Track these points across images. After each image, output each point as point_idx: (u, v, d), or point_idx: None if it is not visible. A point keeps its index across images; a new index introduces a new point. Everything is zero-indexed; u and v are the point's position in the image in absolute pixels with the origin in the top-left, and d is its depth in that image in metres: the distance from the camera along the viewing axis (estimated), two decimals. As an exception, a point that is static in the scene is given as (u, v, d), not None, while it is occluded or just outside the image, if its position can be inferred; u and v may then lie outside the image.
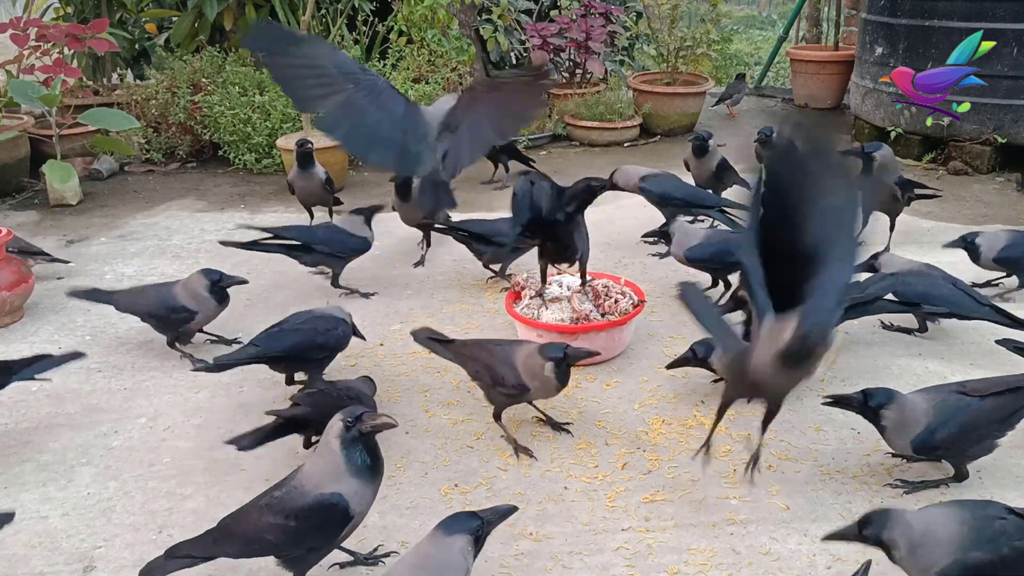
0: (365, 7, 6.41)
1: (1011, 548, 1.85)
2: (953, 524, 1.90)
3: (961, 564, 1.84)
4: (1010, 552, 1.85)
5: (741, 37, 12.10)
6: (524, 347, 2.70)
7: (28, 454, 2.75)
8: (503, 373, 2.64)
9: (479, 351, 2.76)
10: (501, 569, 2.21)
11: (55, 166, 4.60)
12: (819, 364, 2.08)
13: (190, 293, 3.25)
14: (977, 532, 1.88)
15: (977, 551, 1.85)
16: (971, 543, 1.86)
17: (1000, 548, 1.85)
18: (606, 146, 6.31)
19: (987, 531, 1.88)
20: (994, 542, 1.86)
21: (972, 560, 1.84)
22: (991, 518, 1.91)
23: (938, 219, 4.71)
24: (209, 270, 3.30)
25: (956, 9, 5.28)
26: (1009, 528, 1.89)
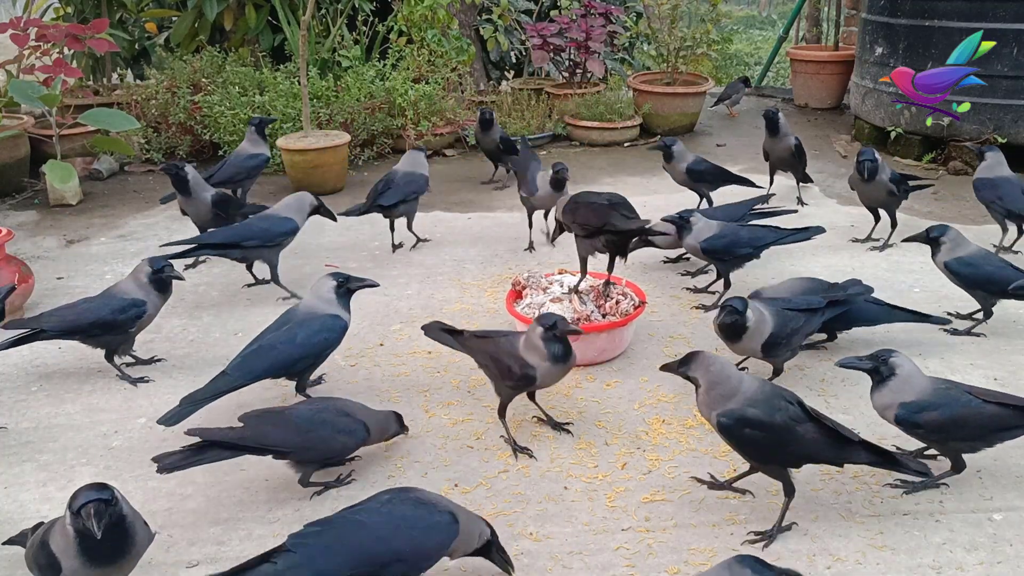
0: (365, 7, 6.41)
1: (783, 419, 2.24)
2: (747, 383, 2.30)
3: (739, 413, 2.25)
4: (780, 421, 2.23)
5: (741, 37, 12.10)
6: (523, 333, 2.72)
7: (28, 454, 2.75)
8: (509, 364, 2.65)
9: (486, 343, 2.77)
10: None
11: (55, 166, 4.60)
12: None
13: (138, 285, 3.10)
14: (764, 397, 2.26)
15: (755, 408, 2.24)
16: (752, 402, 2.25)
17: (773, 414, 2.23)
18: (606, 146, 6.31)
19: (773, 401, 2.26)
20: (771, 409, 2.24)
21: (749, 414, 2.24)
22: (780, 396, 2.28)
23: (938, 219, 4.70)
24: (153, 258, 3.16)
25: (956, 9, 5.28)
26: (792, 410, 2.25)
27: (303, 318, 2.86)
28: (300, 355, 2.80)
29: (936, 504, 2.44)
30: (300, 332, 2.81)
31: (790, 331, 2.87)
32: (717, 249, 3.57)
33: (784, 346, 2.89)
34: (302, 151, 5.16)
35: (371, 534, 1.94)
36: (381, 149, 5.99)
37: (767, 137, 4.81)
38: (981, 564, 2.21)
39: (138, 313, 3.06)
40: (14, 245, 4.28)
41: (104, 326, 3.04)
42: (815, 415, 2.28)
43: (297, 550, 1.89)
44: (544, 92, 6.68)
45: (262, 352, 2.78)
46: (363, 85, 5.79)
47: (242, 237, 3.65)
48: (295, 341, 2.79)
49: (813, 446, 2.25)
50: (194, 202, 4.03)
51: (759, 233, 3.63)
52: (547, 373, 2.64)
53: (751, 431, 2.24)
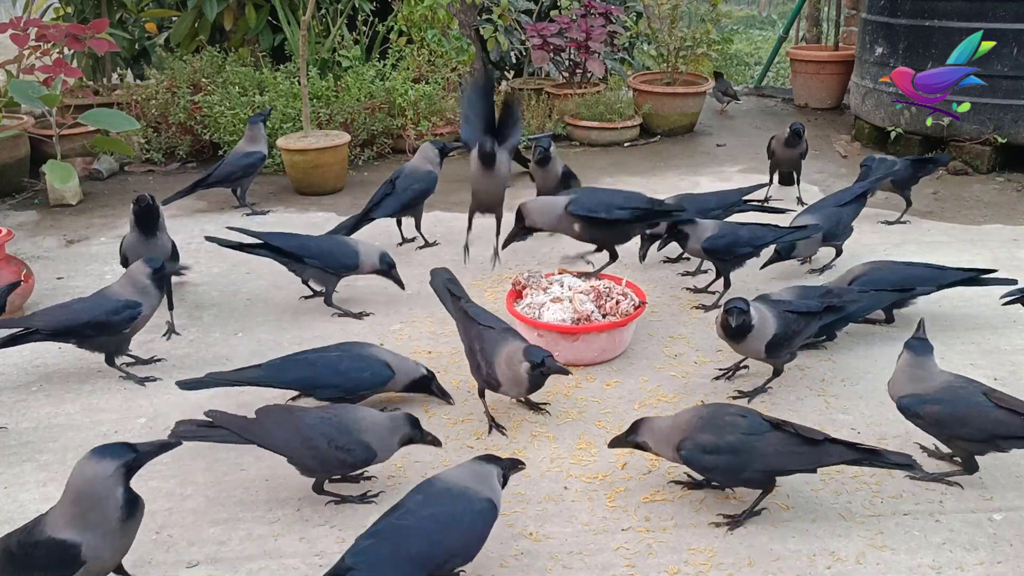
0: (365, 7, 6.41)
1: (735, 438, 2.28)
2: (684, 417, 2.38)
3: (692, 441, 2.30)
4: (733, 440, 2.28)
5: (741, 37, 12.10)
6: (511, 344, 2.71)
7: (28, 454, 2.75)
8: (479, 363, 2.73)
9: (469, 326, 2.83)
10: (501, 569, 2.21)
11: (55, 166, 4.60)
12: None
13: (133, 285, 3.06)
14: (709, 421, 2.33)
15: (705, 434, 2.30)
16: (700, 428, 2.32)
17: (723, 436, 2.29)
18: (606, 146, 6.31)
19: (718, 421, 2.33)
20: (719, 431, 2.30)
21: (702, 440, 2.30)
22: (724, 414, 2.36)
23: (938, 219, 4.71)
24: (150, 258, 3.13)
25: (956, 9, 5.28)
26: (744, 424, 2.31)
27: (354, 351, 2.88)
28: (335, 383, 2.79)
29: (936, 504, 2.44)
30: (344, 362, 2.82)
31: (792, 332, 2.87)
32: (718, 249, 3.57)
33: (786, 347, 2.89)
34: (302, 151, 5.16)
35: (425, 539, 1.96)
36: (381, 149, 5.99)
37: (783, 146, 4.78)
38: (981, 564, 2.21)
39: (133, 315, 3.04)
40: (14, 245, 4.28)
41: (98, 327, 3.01)
42: (778, 423, 2.31)
43: (360, 568, 1.90)
44: (544, 92, 6.68)
45: (298, 366, 2.80)
46: (363, 85, 5.79)
47: (307, 253, 3.57)
48: (338, 368, 2.80)
49: (778, 458, 2.27)
50: (152, 245, 3.52)
51: (759, 232, 3.63)
52: (510, 392, 2.73)
53: (710, 456, 2.29)
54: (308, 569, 2.23)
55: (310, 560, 2.26)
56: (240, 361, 3.28)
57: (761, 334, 2.81)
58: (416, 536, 1.96)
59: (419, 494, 2.08)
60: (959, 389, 2.43)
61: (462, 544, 2.01)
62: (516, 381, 2.64)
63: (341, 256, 3.58)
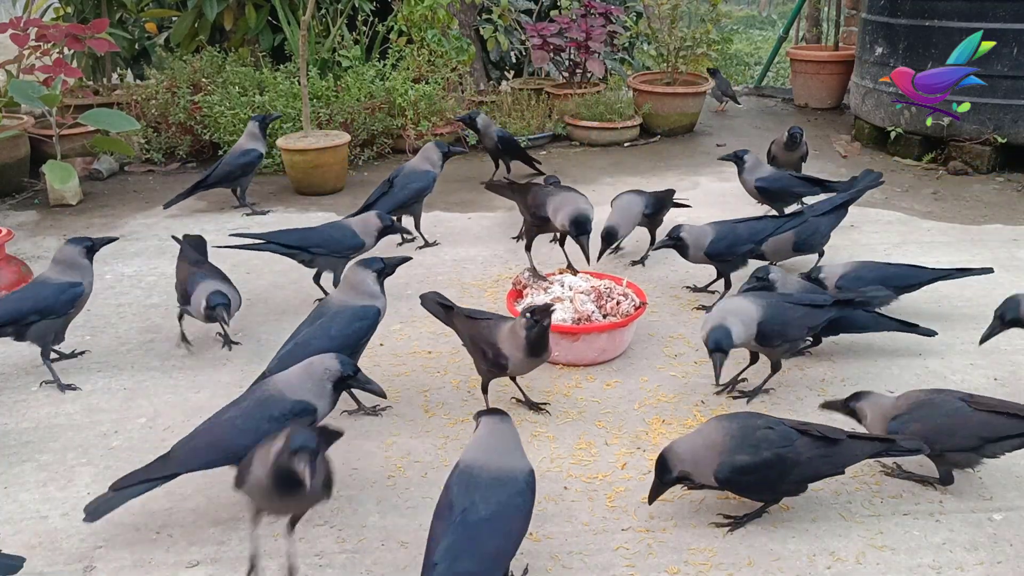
0: (365, 7, 6.41)
1: (770, 453, 2.24)
2: (718, 435, 2.29)
3: (729, 465, 2.24)
4: (769, 455, 2.23)
5: (741, 37, 12.10)
6: (509, 322, 2.78)
7: (28, 454, 2.75)
8: (484, 349, 2.75)
9: (470, 324, 2.84)
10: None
11: (55, 166, 4.60)
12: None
13: (70, 266, 3.11)
14: (741, 440, 2.26)
15: (742, 454, 2.24)
16: (734, 449, 2.25)
17: (759, 452, 2.23)
18: (606, 146, 6.31)
19: (750, 438, 2.26)
20: (756, 447, 2.24)
21: (740, 461, 2.23)
22: (754, 428, 2.29)
23: (938, 219, 4.71)
24: (77, 238, 3.20)
25: (956, 9, 5.28)
26: (773, 436, 2.26)
27: (336, 310, 2.86)
28: (336, 348, 2.72)
29: (936, 504, 2.44)
30: (333, 326, 2.81)
31: (783, 322, 2.84)
32: (720, 252, 3.57)
33: (778, 336, 2.86)
34: (302, 151, 5.16)
35: (498, 535, 1.98)
36: (381, 149, 5.99)
37: (783, 149, 4.78)
38: (981, 564, 2.21)
39: (75, 294, 3.10)
40: (14, 245, 4.28)
41: (43, 311, 3.02)
42: (801, 428, 2.30)
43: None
44: (544, 92, 6.68)
45: (297, 351, 2.73)
46: (363, 85, 5.79)
47: (311, 243, 3.61)
48: (329, 334, 2.78)
49: (810, 465, 2.27)
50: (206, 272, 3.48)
51: (757, 227, 3.62)
52: (520, 363, 2.72)
53: (749, 477, 2.26)
54: (308, 569, 2.23)
55: (310, 560, 2.26)
56: (240, 361, 3.28)
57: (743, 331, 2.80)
58: (489, 535, 1.96)
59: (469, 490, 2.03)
60: (930, 401, 2.44)
61: (524, 524, 2.05)
62: (519, 346, 2.66)
63: (341, 239, 3.63)
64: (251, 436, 2.22)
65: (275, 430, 2.12)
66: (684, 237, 3.57)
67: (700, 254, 3.58)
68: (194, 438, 2.34)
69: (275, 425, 2.22)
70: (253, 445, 2.14)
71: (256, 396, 2.38)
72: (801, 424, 2.33)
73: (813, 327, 2.98)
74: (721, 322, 2.78)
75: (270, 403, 2.33)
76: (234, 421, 2.32)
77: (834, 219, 3.94)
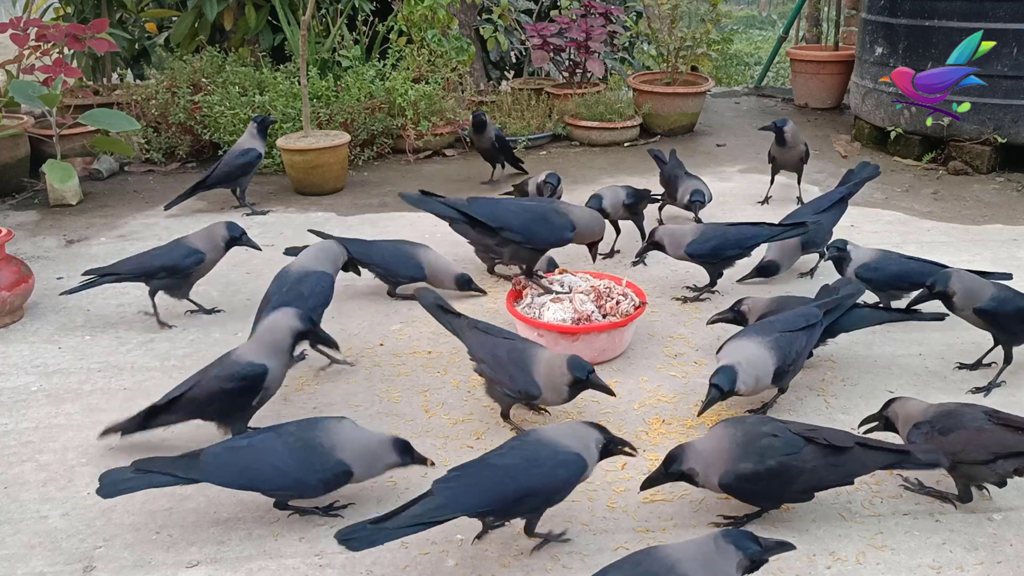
0: (365, 7, 6.41)
1: (775, 462, 2.22)
2: (725, 442, 2.28)
3: (733, 473, 2.23)
4: (774, 464, 2.22)
5: (741, 37, 12.10)
6: (544, 352, 2.70)
7: (28, 454, 2.75)
8: (512, 374, 2.66)
9: (491, 342, 2.76)
10: (501, 569, 2.21)
11: (55, 166, 4.60)
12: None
13: (207, 240, 3.58)
14: (745, 447, 2.25)
15: (746, 462, 2.23)
16: (739, 457, 2.24)
17: (764, 460, 2.22)
18: (606, 146, 6.31)
19: (753, 445, 2.25)
20: (760, 455, 2.23)
21: (743, 470, 2.23)
22: (759, 435, 2.27)
23: (938, 219, 4.71)
24: (231, 223, 3.63)
25: (956, 9, 5.28)
26: (777, 444, 2.24)
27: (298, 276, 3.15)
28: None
29: (936, 504, 2.44)
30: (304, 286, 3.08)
31: (795, 355, 2.76)
32: (704, 254, 3.57)
33: (791, 373, 2.81)
34: (302, 151, 5.16)
35: (504, 473, 2.14)
36: (381, 149, 6.00)
37: (775, 145, 4.80)
38: (981, 564, 2.21)
39: (197, 259, 3.53)
40: (14, 245, 4.28)
41: (169, 270, 3.51)
42: (808, 435, 2.26)
43: (440, 492, 2.10)
44: (544, 92, 6.68)
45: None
46: (363, 85, 5.79)
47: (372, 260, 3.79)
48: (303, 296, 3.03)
49: (815, 474, 2.25)
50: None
51: (748, 232, 3.60)
52: (551, 400, 2.70)
53: (752, 485, 2.26)
54: (308, 569, 2.23)
55: (310, 560, 2.26)
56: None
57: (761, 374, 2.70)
58: (497, 472, 2.15)
59: (516, 440, 2.29)
60: (959, 413, 2.38)
61: (540, 485, 2.14)
62: (556, 391, 2.64)
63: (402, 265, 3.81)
64: (289, 478, 2.28)
65: (320, 477, 2.28)
66: (656, 233, 3.64)
67: (680, 252, 3.60)
68: (228, 455, 2.32)
69: (324, 474, 2.29)
70: (288, 485, 2.29)
71: (305, 436, 2.33)
72: (809, 430, 2.29)
73: (816, 345, 2.94)
74: (735, 366, 2.66)
75: (316, 450, 2.30)
76: (278, 453, 2.29)
77: (835, 215, 3.95)
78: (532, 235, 3.31)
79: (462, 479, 2.14)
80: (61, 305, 3.79)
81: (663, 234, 3.66)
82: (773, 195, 4.98)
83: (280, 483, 2.29)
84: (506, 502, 2.13)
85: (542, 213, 3.38)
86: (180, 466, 2.29)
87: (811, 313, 2.89)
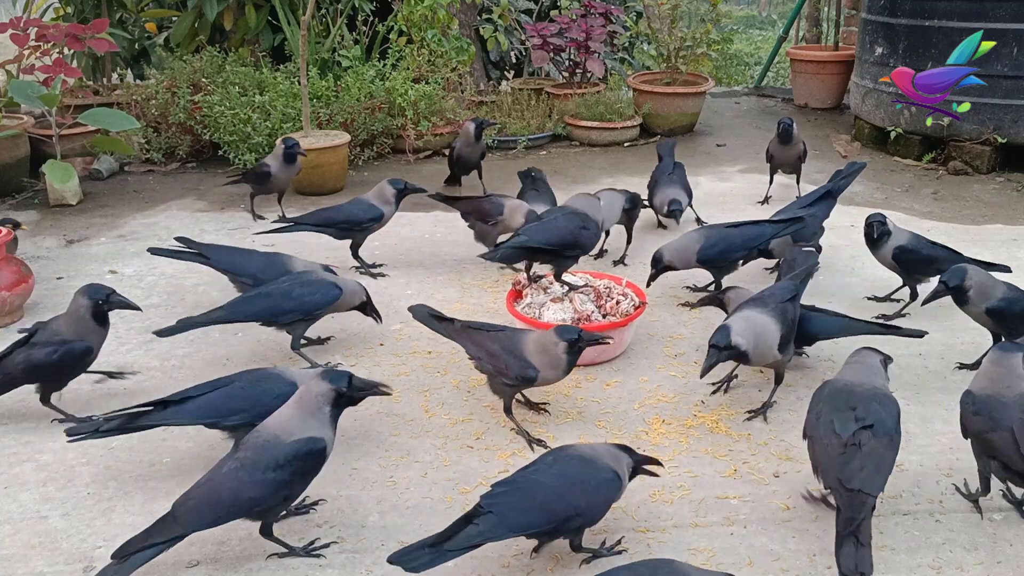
0: (365, 7, 6.41)
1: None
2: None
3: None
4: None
5: (741, 37, 12.10)
6: (531, 333, 2.74)
7: (28, 454, 2.75)
8: (507, 362, 2.67)
9: (482, 338, 2.77)
10: (502, 569, 2.21)
11: (55, 166, 4.60)
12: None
13: (380, 198, 3.96)
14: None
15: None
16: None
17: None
18: (606, 146, 6.31)
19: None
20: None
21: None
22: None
23: (938, 219, 4.71)
24: (395, 180, 3.99)
25: (956, 9, 5.28)
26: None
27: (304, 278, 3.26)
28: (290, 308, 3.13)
29: (936, 504, 2.44)
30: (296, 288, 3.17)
31: (791, 323, 2.83)
32: (713, 259, 3.56)
33: (791, 342, 2.84)
34: (302, 151, 5.15)
35: (552, 492, 2.13)
36: (381, 149, 5.99)
37: (776, 143, 4.79)
38: (981, 564, 2.21)
39: (376, 216, 3.95)
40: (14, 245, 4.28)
41: (351, 223, 3.94)
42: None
43: (493, 509, 2.07)
44: (544, 92, 6.68)
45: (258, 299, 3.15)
46: (363, 85, 5.79)
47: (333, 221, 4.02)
48: (291, 294, 3.14)
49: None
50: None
51: (751, 232, 3.59)
52: (549, 377, 2.68)
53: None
54: (308, 569, 2.23)
55: (310, 560, 2.26)
56: (240, 362, 3.28)
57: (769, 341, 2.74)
58: (545, 489, 2.13)
59: (551, 456, 2.25)
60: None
61: (586, 504, 2.14)
62: (553, 364, 2.64)
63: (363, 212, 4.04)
64: (258, 488, 2.14)
65: (283, 477, 2.14)
66: (664, 256, 3.57)
67: (692, 259, 3.56)
68: (193, 497, 2.17)
69: (281, 473, 2.14)
70: (262, 497, 2.14)
71: (251, 444, 2.21)
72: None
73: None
74: (729, 324, 2.71)
75: (268, 449, 2.17)
76: (237, 474, 2.16)
77: (824, 209, 3.94)
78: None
79: (511, 495, 2.12)
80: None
81: (670, 255, 3.57)
82: (773, 195, 4.98)
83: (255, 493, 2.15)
84: (556, 521, 2.12)
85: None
86: (157, 531, 2.13)
87: (790, 286, 2.95)
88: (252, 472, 2.15)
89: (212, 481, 2.18)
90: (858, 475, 2.10)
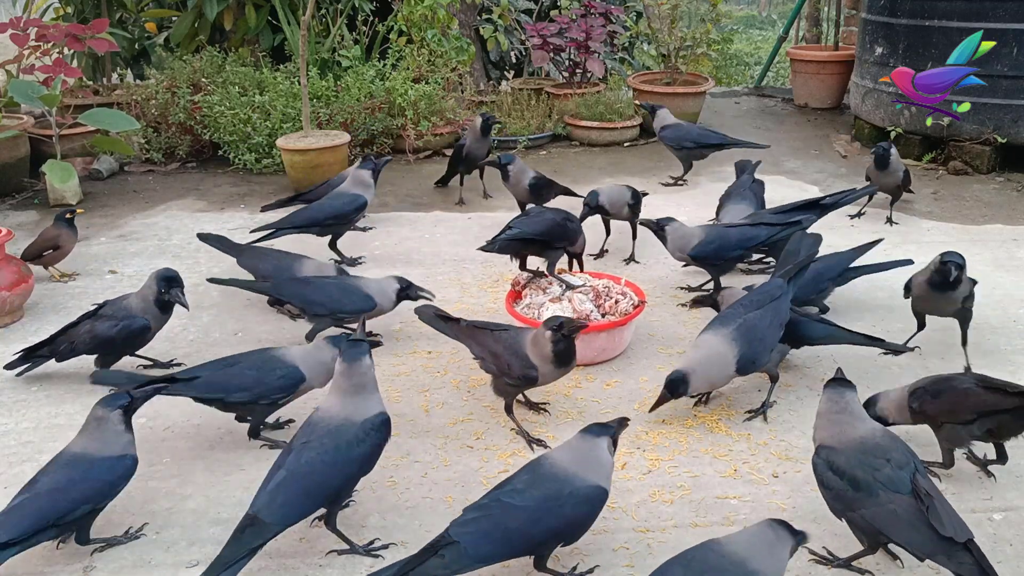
0: (365, 7, 6.41)
1: (865, 477, 2.09)
2: (864, 426, 2.24)
3: (824, 455, 2.20)
4: (862, 477, 2.09)
5: (741, 37, 12.11)
6: (529, 333, 2.74)
7: (28, 454, 2.75)
8: (509, 361, 2.67)
9: (485, 338, 2.78)
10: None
11: (55, 166, 4.60)
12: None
13: (358, 183, 4.02)
14: (863, 447, 2.16)
15: (844, 455, 2.16)
16: (850, 447, 2.17)
17: (856, 468, 2.11)
18: (606, 146, 6.31)
19: (871, 454, 2.12)
20: (862, 463, 2.12)
21: (835, 458, 2.16)
22: (886, 451, 2.13)
23: (938, 219, 4.71)
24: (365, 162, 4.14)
25: (956, 9, 5.28)
26: (886, 473, 2.09)
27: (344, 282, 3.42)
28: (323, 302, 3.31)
29: (936, 504, 2.43)
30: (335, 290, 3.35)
31: (761, 336, 2.77)
32: (707, 256, 3.55)
33: (762, 356, 2.79)
34: (302, 151, 5.16)
35: (527, 518, 2.02)
36: (381, 149, 5.99)
37: (872, 168, 4.59)
38: (981, 564, 2.21)
39: (360, 203, 4.03)
40: (14, 245, 4.27)
41: (337, 217, 3.98)
42: (922, 493, 2.04)
43: (461, 539, 1.96)
44: (544, 92, 6.68)
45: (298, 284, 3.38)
46: (363, 85, 5.79)
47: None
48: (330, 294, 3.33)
49: (894, 523, 2.03)
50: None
51: (750, 233, 3.58)
52: (549, 374, 2.67)
53: (831, 475, 2.14)
54: (308, 569, 2.23)
55: (310, 560, 2.26)
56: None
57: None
58: (519, 514, 2.01)
59: (527, 474, 2.11)
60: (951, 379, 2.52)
61: (564, 526, 2.06)
62: (546, 356, 2.64)
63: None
64: (347, 467, 2.25)
65: (365, 451, 2.29)
66: (667, 230, 3.58)
67: (683, 254, 3.57)
68: (279, 494, 2.16)
69: (363, 447, 2.28)
70: (352, 475, 2.27)
71: (321, 431, 2.28)
72: (928, 490, 2.09)
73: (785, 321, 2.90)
74: (687, 372, 2.73)
75: (345, 430, 2.28)
76: (322, 458, 2.20)
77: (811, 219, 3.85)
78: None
79: (481, 523, 2.00)
80: (61, 305, 3.80)
81: (671, 229, 3.58)
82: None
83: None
84: (531, 547, 2.04)
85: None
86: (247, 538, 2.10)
87: (775, 286, 2.92)
88: (335, 454, 2.20)
89: (294, 474, 2.16)
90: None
